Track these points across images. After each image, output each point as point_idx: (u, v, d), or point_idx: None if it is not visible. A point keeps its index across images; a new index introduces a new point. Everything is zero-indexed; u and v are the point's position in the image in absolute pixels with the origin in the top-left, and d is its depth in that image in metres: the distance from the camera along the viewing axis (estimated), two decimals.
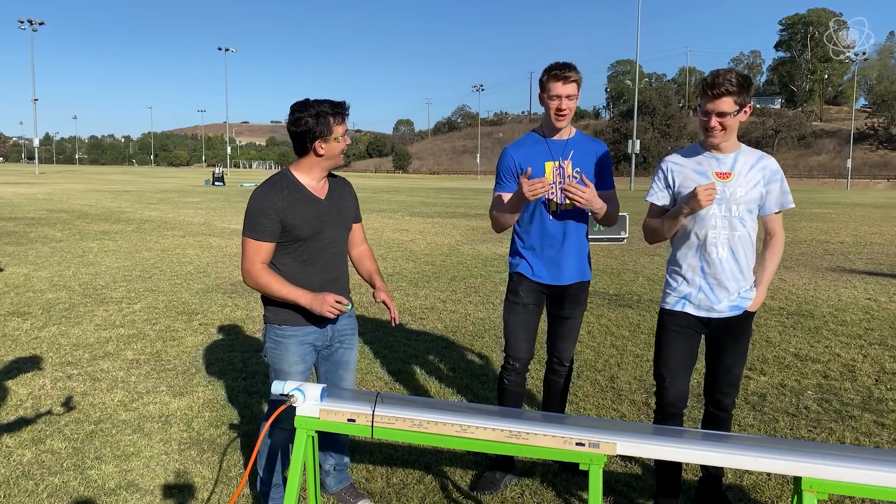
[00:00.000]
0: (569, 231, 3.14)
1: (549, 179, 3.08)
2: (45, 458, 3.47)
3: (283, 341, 2.75)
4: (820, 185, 64.35)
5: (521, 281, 3.23)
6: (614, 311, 7.12)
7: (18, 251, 11.01)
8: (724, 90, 2.62)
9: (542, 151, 3.12)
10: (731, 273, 2.80)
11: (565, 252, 3.15)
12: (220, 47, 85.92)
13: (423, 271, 9.66)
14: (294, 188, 2.69)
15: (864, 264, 10.96)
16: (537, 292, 3.22)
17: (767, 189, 2.79)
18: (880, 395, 4.62)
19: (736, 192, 2.76)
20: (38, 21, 63.74)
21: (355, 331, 3.00)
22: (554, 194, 3.10)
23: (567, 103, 3.02)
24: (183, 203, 24.35)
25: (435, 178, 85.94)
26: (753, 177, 2.77)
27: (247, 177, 71.62)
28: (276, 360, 2.78)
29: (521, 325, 3.24)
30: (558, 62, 3.05)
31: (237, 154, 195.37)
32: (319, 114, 2.59)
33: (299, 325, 2.75)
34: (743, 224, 2.78)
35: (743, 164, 2.78)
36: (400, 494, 3.14)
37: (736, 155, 2.79)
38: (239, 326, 6.27)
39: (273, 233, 2.65)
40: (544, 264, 3.17)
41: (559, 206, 3.10)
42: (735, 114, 2.66)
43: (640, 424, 2.18)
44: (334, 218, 2.78)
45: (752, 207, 2.78)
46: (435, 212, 22.02)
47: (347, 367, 2.96)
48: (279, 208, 2.63)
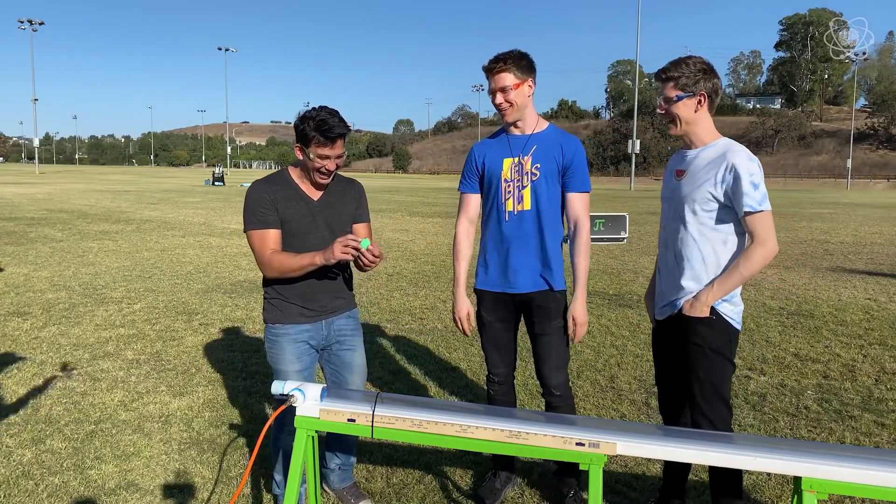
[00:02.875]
0: (527, 234, 2.88)
1: (506, 176, 2.89)
2: (45, 458, 3.47)
3: (277, 340, 2.78)
4: (820, 185, 64.36)
5: (482, 297, 3.03)
6: (614, 311, 7.12)
7: (18, 251, 11.01)
8: (666, 76, 2.53)
9: (503, 147, 2.94)
10: (673, 280, 2.61)
11: (521, 257, 2.89)
12: (220, 47, 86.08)
13: (423, 271, 9.66)
14: (287, 185, 2.74)
15: (864, 264, 10.96)
16: (499, 306, 2.98)
17: (724, 189, 2.45)
18: (880, 395, 4.62)
19: (683, 190, 2.56)
20: (38, 21, 63.76)
21: (357, 332, 2.95)
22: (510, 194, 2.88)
23: (502, 97, 2.79)
24: (183, 203, 24.34)
25: (435, 177, 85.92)
26: (704, 174, 2.50)
27: (247, 177, 71.63)
28: (274, 359, 2.80)
29: (491, 345, 3.05)
30: (495, 55, 2.81)
31: (237, 154, 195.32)
32: (306, 124, 2.61)
33: (291, 322, 2.76)
34: (685, 226, 2.54)
35: (700, 161, 2.53)
36: (400, 494, 3.14)
37: (700, 151, 2.56)
38: (239, 326, 6.26)
39: (274, 220, 2.67)
40: (498, 270, 2.94)
41: (515, 206, 2.88)
42: (677, 100, 2.50)
43: (640, 424, 2.18)
44: (326, 218, 2.78)
45: (697, 208, 2.50)
46: (435, 212, 22.01)
47: (351, 370, 2.92)
48: (273, 200, 2.68)
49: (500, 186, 2.92)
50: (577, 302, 2.84)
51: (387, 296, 7.80)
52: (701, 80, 2.50)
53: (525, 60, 2.82)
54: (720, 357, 2.52)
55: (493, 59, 2.82)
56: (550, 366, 2.93)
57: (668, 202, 2.67)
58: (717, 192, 2.46)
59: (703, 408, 2.55)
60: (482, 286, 3.02)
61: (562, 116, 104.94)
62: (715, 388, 2.53)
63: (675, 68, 2.52)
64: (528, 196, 2.87)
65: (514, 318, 3.04)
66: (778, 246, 2.48)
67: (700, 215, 2.51)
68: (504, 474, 3.20)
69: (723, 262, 2.53)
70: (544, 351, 2.93)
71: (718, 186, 2.46)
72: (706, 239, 2.52)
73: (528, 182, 2.87)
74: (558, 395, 2.96)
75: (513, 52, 2.82)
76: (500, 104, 2.83)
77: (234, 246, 12.20)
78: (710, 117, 2.58)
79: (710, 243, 2.51)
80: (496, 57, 2.82)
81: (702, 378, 2.54)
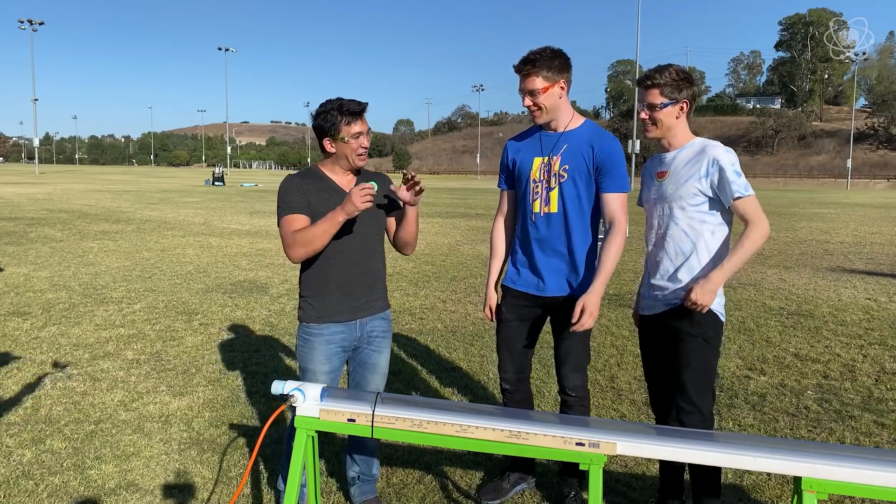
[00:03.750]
0: (553, 237, 2.82)
1: (535, 177, 2.81)
2: (45, 458, 3.47)
3: (310, 339, 2.75)
4: (820, 185, 64.35)
5: (505, 293, 3.00)
6: (614, 311, 7.12)
7: (18, 251, 11.01)
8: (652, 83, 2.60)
9: (534, 146, 2.88)
10: (667, 275, 2.69)
11: (547, 260, 2.84)
12: (220, 47, 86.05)
13: (423, 271, 9.66)
14: (319, 178, 2.74)
15: (864, 264, 10.96)
16: (522, 306, 2.94)
17: (710, 181, 2.57)
18: (880, 395, 4.62)
19: (667, 190, 2.66)
20: (38, 21, 63.71)
21: (387, 334, 2.92)
22: (538, 196, 2.83)
23: (531, 100, 2.74)
24: (183, 203, 24.34)
25: (435, 178, 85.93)
26: (686, 172, 2.61)
27: (247, 177, 71.63)
28: (303, 359, 2.77)
29: (504, 344, 3.00)
30: (526, 54, 2.74)
31: (237, 154, 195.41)
32: (328, 112, 2.64)
33: (327, 322, 2.74)
34: (676, 223, 2.64)
35: (680, 161, 2.65)
36: (400, 494, 3.14)
37: (678, 152, 2.67)
38: (239, 326, 6.26)
39: (303, 206, 2.65)
40: (525, 270, 2.91)
41: (542, 208, 2.82)
42: (662, 107, 2.60)
43: (640, 424, 2.18)
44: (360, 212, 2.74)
45: (685, 204, 2.61)
46: (435, 212, 22.01)
47: (375, 370, 2.89)
48: (305, 190, 2.68)
49: (528, 186, 2.86)
50: (593, 292, 2.67)
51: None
52: (684, 88, 2.62)
53: (558, 60, 2.71)
54: (711, 346, 2.65)
55: (523, 58, 2.72)
56: (569, 367, 2.90)
57: (653, 203, 2.76)
58: (703, 186, 2.59)
59: (692, 395, 2.66)
60: (507, 283, 3.00)
61: None
62: (706, 376, 2.66)
63: (659, 76, 2.61)
64: (555, 198, 2.80)
65: (535, 319, 2.97)
66: (769, 225, 2.61)
67: (688, 210, 2.62)
68: (515, 476, 3.15)
69: (713, 250, 2.64)
70: (565, 352, 2.89)
71: (703, 181, 2.58)
72: (697, 232, 2.63)
73: (556, 184, 2.78)
74: (574, 396, 2.93)
75: (545, 52, 2.71)
76: (528, 107, 2.77)
77: (234, 246, 12.21)
78: (686, 121, 2.70)
79: (701, 235, 2.63)
80: (526, 57, 2.72)
81: (694, 366, 2.64)
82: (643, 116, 2.67)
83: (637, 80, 2.67)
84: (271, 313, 6.79)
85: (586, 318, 2.66)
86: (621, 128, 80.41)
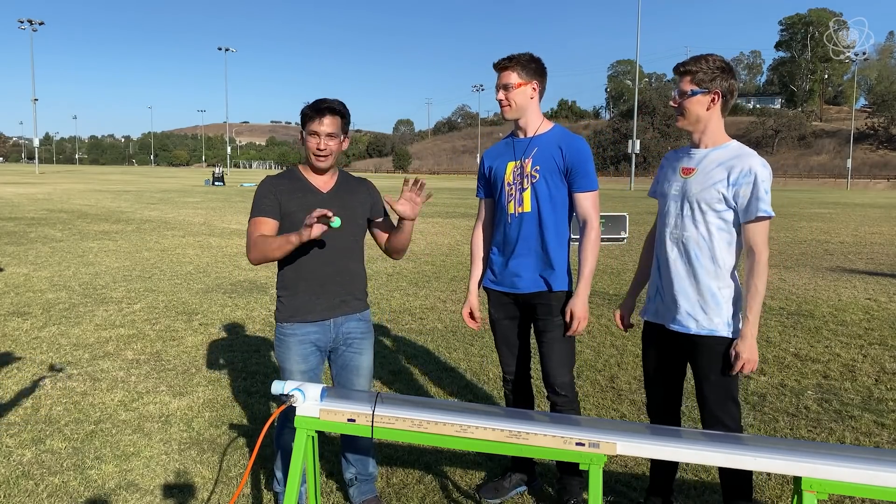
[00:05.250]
0: (527, 235, 2.89)
1: (509, 180, 2.93)
2: (45, 458, 3.47)
3: (284, 339, 2.77)
4: (820, 185, 64.36)
5: (489, 294, 3.08)
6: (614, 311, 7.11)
7: (18, 251, 11.01)
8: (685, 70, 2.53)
9: (507, 152, 2.98)
10: (678, 279, 2.58)
11: (522, 258, 2.92)
12: (220, 47, 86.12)
13: (423, 271, 9.66)
14: (295, 179, 2.78)
15: (864, 264, 10.96)
16: (506, 304, 3.03)
17: (735, 191, 2.45)
18: (880, 395, 4.62)
19: (692, 188, 2.54)
20: (38, 21, 63.76)
21: (367, 335, 2.91)
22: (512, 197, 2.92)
23: (503, 94, 2.86)
24: (183, 203, 24.34)
25: (435, 177, 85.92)
26: (716, 174, 2.49)
27: (247, 177, 71.64)
28: (280, 358, 2.80)
29: (501, 342, 3.10)
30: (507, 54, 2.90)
31: (237, 154, 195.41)
32: (302, 109, 2.71)
33: (300, 322, 2.76)
34: (696, 226, 2.53)
35: (711, 161, 2.52)
36: (400, 494, 3.14)
37: (710, 151, 2.55)
38: (239, 326, 6.27)
39: (272, 210, 2.69)
40: (502, 271, 2.99)
41: (516, 209, 2.91)
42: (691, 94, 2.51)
43: (640, 424, 2.18)
44: (337, 212, 2.73)
45: (707, 208, 2.50)
46: (435, 212, 22.01)
47: (358, 373, 2.89)
48: (277, 192, 2.72)
49: (503, 190, 2.96)
50: (578, 297, 2.85)
51: (387, 296, 7.80)
52: (717, 79, 2.50)
53: (533, 64, 2.87)
54: (729, 360, 2.55)
55: (502, 57, 2.91)
56: (553, 365, 2.92)
57: (673, 200, 2.62)
58: (728, 193, 2.46)
59: (715, 409, 2.59)
60: (488, 285, 3.09)
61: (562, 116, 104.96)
62: (727, 390, 2.57)
63: (693, 63, 2.53)
64: (527, 198, 2.89)
65: (520, 317, 3.06)
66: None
67: (709, 214, 2.51)
68: (517, 476, 3.16)
69: (728, 264, 2.54)
70: (547, 349, 2.93)
71: (730, 188, 2.46)
72: (716, 238, 2.52)
73: (529, 184, 2.88)
74: (563, 395, 2.93)
75: (523, 54, 2.88)
76: (500, 100, 2.90)
77: (234, 246, 12.20)
78: (722, 118, 2.57)
79: (718, 243, 2.52)
80: (507, 56, 2.88)
81: (713, 380, 2.57)
82: (672, 104, 2.62)
83: (673, 67, 2.62)
84: (271, 313, 6.79)
85: (576, 323, 2.85)
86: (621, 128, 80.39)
